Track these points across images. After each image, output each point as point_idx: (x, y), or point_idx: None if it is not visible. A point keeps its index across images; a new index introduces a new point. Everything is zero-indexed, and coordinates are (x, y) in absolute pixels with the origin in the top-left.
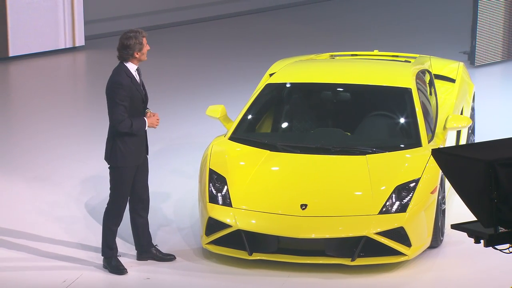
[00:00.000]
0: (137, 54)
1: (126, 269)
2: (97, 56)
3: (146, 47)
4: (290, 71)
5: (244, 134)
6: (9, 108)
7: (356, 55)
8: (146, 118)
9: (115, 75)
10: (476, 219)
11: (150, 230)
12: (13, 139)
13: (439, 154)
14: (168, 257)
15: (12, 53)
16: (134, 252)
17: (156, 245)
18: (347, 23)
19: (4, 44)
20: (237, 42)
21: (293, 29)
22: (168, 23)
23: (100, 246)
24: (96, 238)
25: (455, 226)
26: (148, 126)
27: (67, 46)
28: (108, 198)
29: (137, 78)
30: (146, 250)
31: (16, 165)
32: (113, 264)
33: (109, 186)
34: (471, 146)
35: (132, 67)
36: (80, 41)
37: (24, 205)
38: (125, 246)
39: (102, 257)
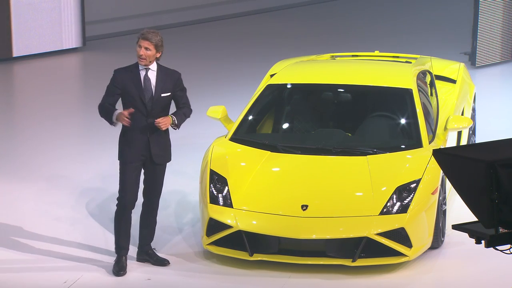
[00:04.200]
0: None
1: (124, 272)
2: (99, 56)
3: (137, 48)
4: (291, 71)
5: (245, 135)
6: (12, 108)
7: (357, 55)
8: (116, 111)
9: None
10: (477, 219)
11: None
12: (15, 139)
13: (440, 155)
14: (163, 262)
15: (15, 53)
16: (135, 253)
17: (154, 248)
18: (348, 23)
19: (7, 44)
20: (238, 43)
21: (294, 29)
22: (168, 24)
23: (101, 246)
24: (97, 238)
25: (456, 227)
26: (116, 119)
27: (70, 47)
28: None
29: (141, 76)
30: (143, 250)
31: (17, 165)
32: (118, 264)
33: None
34: (472, 147)
35: (141, 65)
36: (82, 41)
37: (25, 205)
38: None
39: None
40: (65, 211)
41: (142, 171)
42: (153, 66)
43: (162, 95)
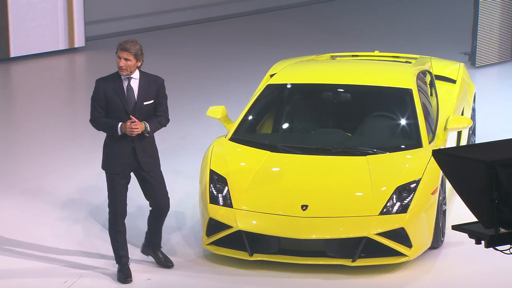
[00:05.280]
0: None
1: (131, 279)
2: (98, 57)
3: (116, 58)
4: (290, 71)
5: (245, 135)
6: (9, 109)
7: (357, 55)
8: (120, 123)
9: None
10: (476, 220)
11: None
12: (13, 140)
13: (440, 155)
14: (166, 264)
15: (13, 54)
16: (135, 256)
17: (161, 248)
18: (347, 24)
19: (5, 45)
20: (238, 43)
21: (293, 30)
22: (168, 24)
23: (101, 247)
24: (96, 239)
25: (456, 227)
26: (121, 131)
27: (68, 47)
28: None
29: (124, 86)
30: (151, 247)
31: (15, 166)
32: (122, 271)
33: None
34: (472, 147)
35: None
36: (81, 42)
37: (25, 206)
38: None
39: None
40: (64, 212)
41: (135, 179)
42: (135, 75)
43: (145, 103)
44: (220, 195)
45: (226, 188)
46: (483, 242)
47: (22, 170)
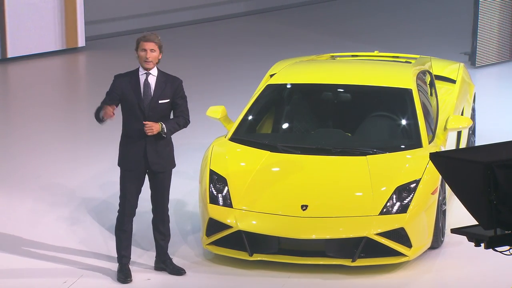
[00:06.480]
0: (136, 55)
1: (131, 279)
2: (98, 57)
3: (140, 52)
4: (290, 71)
5: (245, 134)
6: (8, 109)
7: (357, 56)
8: (103, 105)
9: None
10: (476, 223)
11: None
12: (12, 141)
13: (438, 158)
14: (179, 271)
15: (10, 54)
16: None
17: (172, 258)
18: (347, 24)
19: (2, 45)
20: (238, 43)
21: (293, 30)
22: (168, 24)
23: (101, 247)
24: (96, 239)
25: (455, 231)
26: (102, 115)
27: (67, 47)
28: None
29: (141, 82)
30: (160, 259)
31: (14, 166)
32: (122, 271)
33: None
34: (469, 149)
35: (141, 69)
36: (80, 41)
37: (25, 206)
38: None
39: None
40: (64, 212)
41: (147, 178)
42: (154, 71)
43: (160, 101)
44: (220, 195)
45: (226, 188)
46: (482, 244)
47: (21, 171)
